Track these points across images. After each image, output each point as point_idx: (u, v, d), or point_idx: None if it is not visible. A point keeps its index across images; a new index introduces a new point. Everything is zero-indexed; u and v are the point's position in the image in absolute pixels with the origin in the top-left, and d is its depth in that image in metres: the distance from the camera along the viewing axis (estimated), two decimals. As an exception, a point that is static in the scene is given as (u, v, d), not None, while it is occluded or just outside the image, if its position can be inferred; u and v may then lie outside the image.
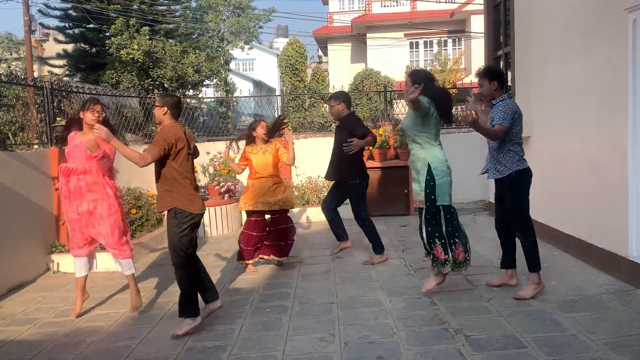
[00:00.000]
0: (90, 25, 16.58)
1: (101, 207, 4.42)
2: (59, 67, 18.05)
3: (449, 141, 9.45)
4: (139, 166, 3.80)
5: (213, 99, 18.39)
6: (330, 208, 5.80)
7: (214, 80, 19.93)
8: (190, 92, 16.62)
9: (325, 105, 17.83)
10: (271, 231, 5.58)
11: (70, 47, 17.49)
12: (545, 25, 6.00)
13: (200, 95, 17.58)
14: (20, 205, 5.56)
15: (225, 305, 3.85)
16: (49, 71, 18.29)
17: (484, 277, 4.90)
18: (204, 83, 18.32)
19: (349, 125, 5.58)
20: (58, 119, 6.53)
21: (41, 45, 25.91)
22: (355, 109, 14.31)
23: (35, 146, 6.68)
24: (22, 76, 11.11)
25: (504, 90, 4.40)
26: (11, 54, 24.89)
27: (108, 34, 15.29)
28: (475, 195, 9.31)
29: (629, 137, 4.28)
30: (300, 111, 15.98)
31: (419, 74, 4.47)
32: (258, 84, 35.40)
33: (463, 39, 21.66)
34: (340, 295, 4.68)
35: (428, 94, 4.23)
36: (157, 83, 14.66)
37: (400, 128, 4.52)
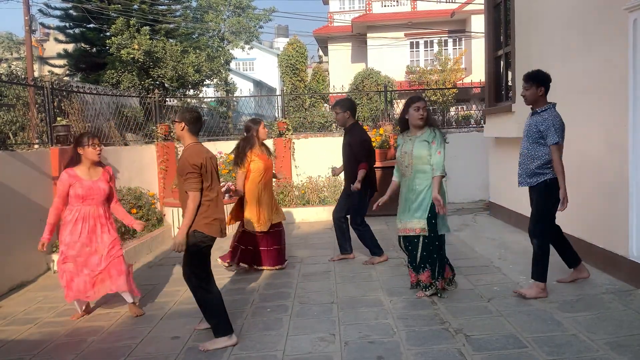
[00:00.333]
0: (91, 25, 16.58)
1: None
2: (60, 67, 18.05)
3: (449, 141, 9.49)
4: (196, 205, 3.59)
5: (213, 99, 18.40)
6: (341, 216, 5.77)
7: (215, 80, 19.93)
8: (191, 92, 16.63)
9: (325, 105, 17.87)
10: (266, 236, 5.52)
11: (70, 47, 17.49)
12: (546, 25, 6.00)
13: (200, 95, 17.59)
14: (21, 204, 5.56)
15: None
16: (49, 71, 18.30)
17: (484, 277, 4.90)
18: (205, 83, 18.34)
19: (352, 142, 5.53)
20: (58, 118, 6.53)
21: (42, 45, 25.90)
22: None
23: (36, 146, 6.68)
24: (23, 76, 11.11)
25: (546, 98, 4.34)
26: (12, 54, 24.90)
27: (108, 34, 15.30)
28: (475, 195, 9.32)
29: (630, 137, 4.28)
30: (300, 111, 16.01)
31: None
32: (258, 84, 35.39)
33: (463, 39, 21.67)
34: (341, 295, 4.68)
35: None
36: (158, 83, 14.67)
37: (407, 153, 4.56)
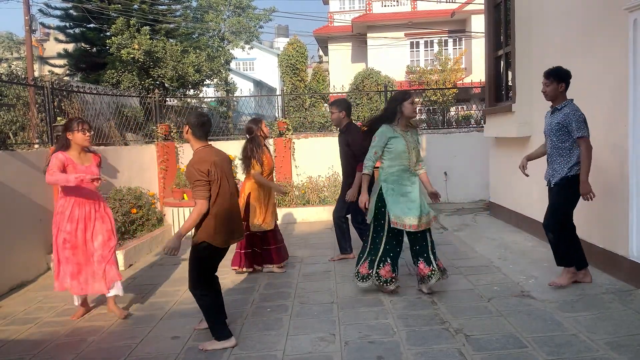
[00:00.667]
0: (91, 25, 16.57)
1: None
2: (60, 67, 18.04)
3: (449, 141, 9.50)
4: (200, 214, 3.51)
5: (213, 99, 18.39)
6: (341, 216, 5.78)
7: (215, 80, 19.90)
8: (191, 92, 16.63)
9: (325, 105, 17.87)
10: (272, 234, 5.53)
11: (70, 47, 17.48)
12: (546, 24, 5.99)
13: (200, 95, 17.58)
14: (21, 204, 5.57)
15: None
16: (49, 71, 18.29)
17: (484, 277, 4.90)
18: (205, 83, 18.32)
19: (351, 141, 5.54)
20: (59, 118, 6.53)
21: (42, 45, 25.89)
22: (355, 111, 14.35)
23: (36, 146, 6.68)
24: (23, 76, 11.09)
25: (566, 94, 4.34)
26: (12, 54, 24.91)
27: (109, 34, 15.29)
28: (475, 195, 9.32)
29: (630, 137, 4.28)
30: (300, 111, 16.00)
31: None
32: (258, 84, 35.36)
33: (463, 39, 21.66)
34: (341, 294, 4.68)
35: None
36: (158, 83, 14.67)
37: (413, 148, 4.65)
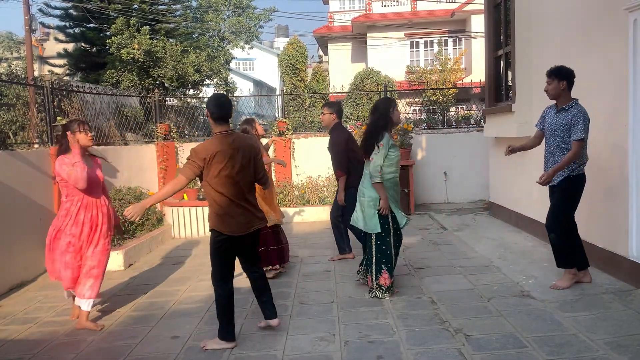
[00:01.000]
0: (91, 25, 16.56)
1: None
2: (60, 67, 18.03)
3: (449, 141, 9.51)
4: (174, 188, 3.62)
5: (213, 99, 18.35)
6: (337, 216, 5.79)
7: (215, 80, 19.87)
8: (191, 92, 16.61)
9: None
10: (280, 231, 5.51)
11: (70, 47, 17.48)
12: (546, 24, 6.00)
13: (200, 95, 17.57)
14: (21, 204, 5.57)
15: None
16: (49, 70, 18.27)
17: (484, 277, 4.90)
18: (205, 82, 18.29)
19: (331, 139, 5.69)
20: (58, 118, 6.53)
21: (42, 45, 25.88)
22: (355, 111, 14.39)
23: (36, 145, 6.67)
24: (23, 75, 11.10)
25: (570, 92, 4.33)
26: (12, 53, 24.89)
27: (108, 34, 15.28)
28: (475, 195, 9.33)
29: (630, 137, 4.28)
30: (300, 111, 16.01)
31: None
32: (258, 84, 35.36)
33: (463, 39, 21.65)
34: (341, 294, 4.68)
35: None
36: (158, 82, 14.65)
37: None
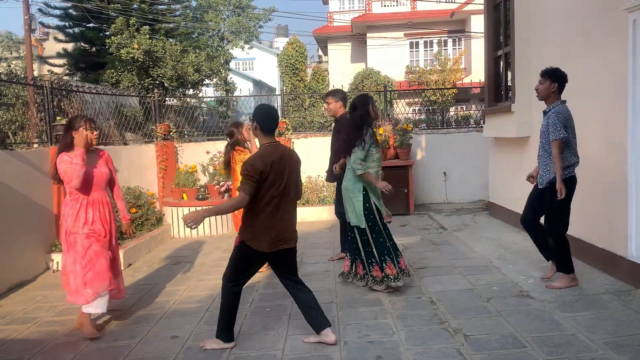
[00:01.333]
0: (91, 25, 16.57)
1: None
2: (59, 66, 18.03)
3: (448, 141, 9.50)
4: (235, 207, 3.48)
5: (213, 99, 18.39)
6: (343, 213, 5.76)
7: (214, 80, 19.89)
8: (190, 92, 16.62)
9: (325, 104, 17.87)
10: None
11: (70, 46, 17.48)
12: (545, 25, 6.00)
13: (200, 95, 17.58)
14: (20, 204, 5.56)
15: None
16: (49, 70, 18.26)
17: (483, 277, 4.90)
18: (204, 82, 18.30)
19: (339, 127, 5.44)
20: (58, 118, 6.53)
21: (41, 44, 25.89)
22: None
23: (35, 145, 6.67)
24: (22, 75, 11.09)
25: (560, 95, 4.35)
26: (11, 53, 24.88)
27: (108, 33, 15.28)
28: (474, 195, 9.32)
29: (629, 137, 4.28)
30: (300, 111, 16.00)
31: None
32: (258, 84, 35.36)
33: (463, 39, 21.66)
34: (340, 294, 4.68)
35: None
36: (157, 82, 14.66)
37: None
